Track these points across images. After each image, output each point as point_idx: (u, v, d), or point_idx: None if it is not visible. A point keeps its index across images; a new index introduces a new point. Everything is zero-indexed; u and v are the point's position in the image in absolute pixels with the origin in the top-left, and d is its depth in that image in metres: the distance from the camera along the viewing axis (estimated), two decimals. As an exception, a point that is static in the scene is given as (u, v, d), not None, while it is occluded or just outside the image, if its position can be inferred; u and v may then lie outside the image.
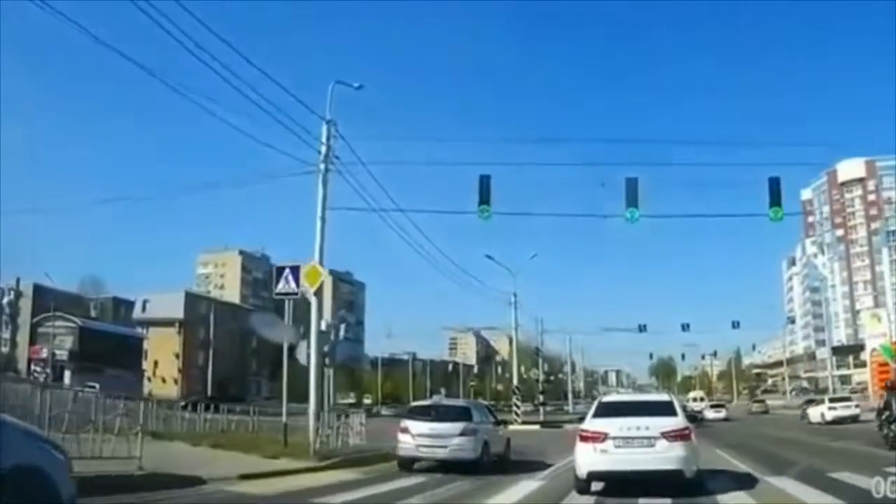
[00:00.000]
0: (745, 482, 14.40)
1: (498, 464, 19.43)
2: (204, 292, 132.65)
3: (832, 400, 47.85)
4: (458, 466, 17.76)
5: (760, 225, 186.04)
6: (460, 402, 26.19)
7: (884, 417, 22.43)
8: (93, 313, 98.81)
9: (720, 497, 12.51)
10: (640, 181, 25.72)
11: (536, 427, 51.62)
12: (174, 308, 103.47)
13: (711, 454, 20.35)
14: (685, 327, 69.11)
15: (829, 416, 43.69)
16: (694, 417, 28.12)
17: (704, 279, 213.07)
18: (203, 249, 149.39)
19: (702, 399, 79.64)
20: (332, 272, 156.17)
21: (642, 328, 68.35)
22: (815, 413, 46.66)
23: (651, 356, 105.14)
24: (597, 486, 13.40)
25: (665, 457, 12.41)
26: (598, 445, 12.76)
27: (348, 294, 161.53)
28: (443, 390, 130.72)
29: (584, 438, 13.09)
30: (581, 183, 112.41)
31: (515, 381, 59.57)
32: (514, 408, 55.82)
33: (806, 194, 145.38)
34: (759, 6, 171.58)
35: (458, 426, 18.37)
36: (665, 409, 13.65)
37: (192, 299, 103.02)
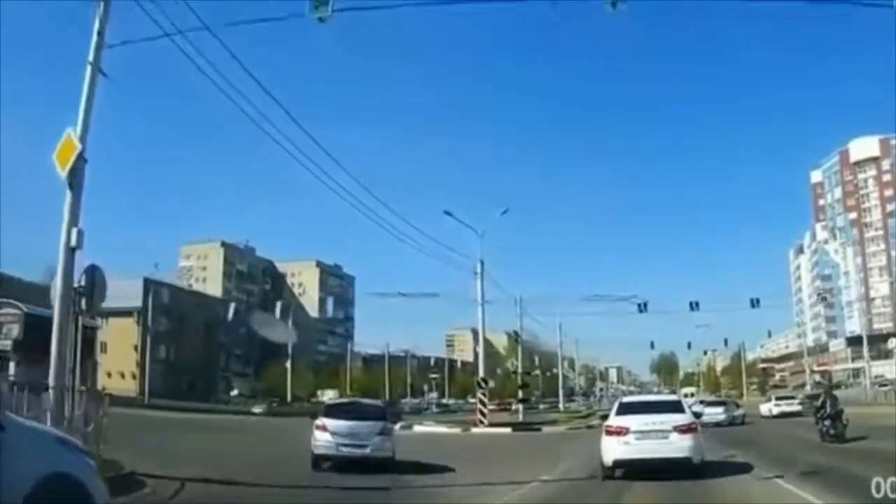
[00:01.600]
0: (742, 468, 16.03)
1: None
2: (186, 286, 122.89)
3: (778, 398, 54.35)
4: (374, 465, 17.19)
5: (763, 214, 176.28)
6: (376, 402, 25.83)
7: (819, 415, 24.59)
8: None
9: (721, 479, 14.12)
10: None
11: (507, 430, 40.35)
12: (132, 296, 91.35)
13: None
14: (694, 306, 56.03)
15: (776, 411, 49.45)
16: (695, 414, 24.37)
17: (704, 280, 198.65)
18: (186, 241, 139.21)
19: (693, 395, 79.75)
20: (319, 264, 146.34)
21: (642, 307, 55.28)
22: (764, 408, 52.30)
23: (652, 345, 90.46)
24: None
25: (677, 446, 14.31)
26: (621, 438, 14.64)
27: (337, 288, 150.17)
28: (425, 387, 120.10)
29: (609, 432, 15.01)
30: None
31: (481, 372, 46.07)
32: (479, 405, 42.60)
33: (816, 176, 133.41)
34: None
35: (377, 425, 18.16)
36: (675, 408, 15.93)
37: (151, 286, 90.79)
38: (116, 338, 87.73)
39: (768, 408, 51.53)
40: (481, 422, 40.73)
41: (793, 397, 54.43)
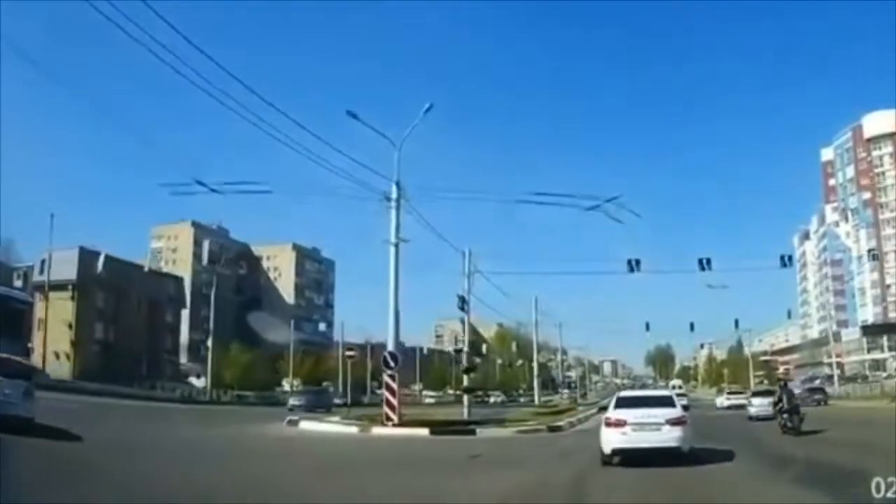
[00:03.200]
0: (725, 456, 16.37)
1: None
2: (157, 268, 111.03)
3: (729, 392, 61.27)
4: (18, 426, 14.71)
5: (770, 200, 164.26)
6: (19, 358, 19.44)
7: (777, 408, 25.33)
8: (17, 282, 79.08)
9: (708, 466, 14.84)
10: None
11: (423, 432, 26.49)
12: (68, 268, 78.95)
13: None
14: (705, 264, 41.90)
15: (727, 403, 53.24)
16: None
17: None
18: (156, 222, 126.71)
19: (680, 387, 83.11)
20: (296, 247, 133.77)
21: (634, 266, 41.62)
22: (719, 401, 57.65)
23: (647, 327, 76.66)
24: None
25: (668, 437, 15.37)
26: (619, 429, 15.58)
27: (315, 273, 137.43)
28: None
29: (609, 424, 15.85)
30: None
31: (390, 345, 29.51)
32: (387, 395, 28.82)
33: (827, 154, 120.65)
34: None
35: (23, 384, 16.58)
36: (667, 402, 16.82)
37: (88, 257, 78.55)
38: (56, 315, 76.46)
39: (721, 400, 57.37)
40: (389, 419, 27.90)
41: (742, 392, 60.15)
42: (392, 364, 28.55)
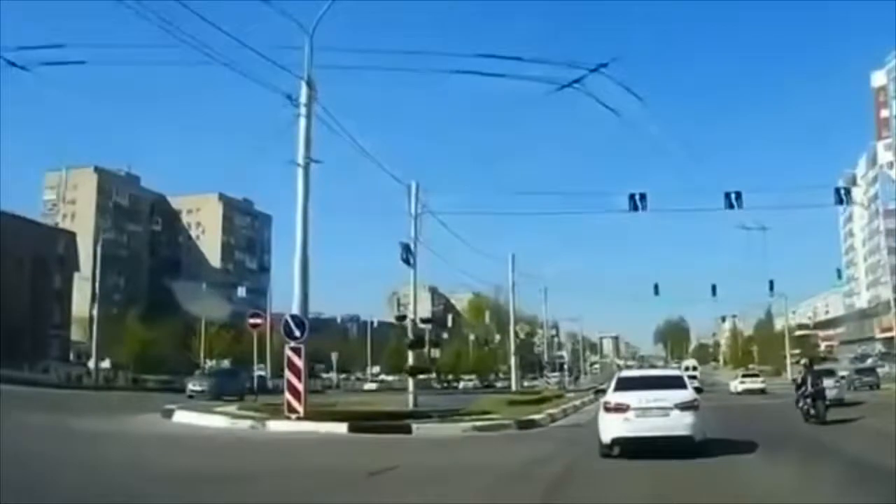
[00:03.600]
0: (745, 448, 16.25)
1: None
2: (51, 224, 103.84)
3: (744, 376, 64.38)
4: None
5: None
6: None
7: (800, 392, 25.75)
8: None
9: (725, 458, 14.77)
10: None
11: (339, 429, 21.79)
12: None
13: None
14: (734, 200, 36.30)
15: (741, 388, 58.52)
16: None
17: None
18: (50, 168, 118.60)
19: (694, 368, 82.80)
20: (223, 198, 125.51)
21: (638, 202, 35.78)
22: (733, 385, 62.51)
23: (656, 290, 68.76)
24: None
25: (678, 424, 15.09)
26: (621, 415, 15.29)
27: (248, 230, 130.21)
28: (333, 355, 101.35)
29: (608, 409, 15.68)
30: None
31: (295, 307, 24.29)
32: (290, 377, 23.83)
33: (878, 79, 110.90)
34: None
35: None
36: (676, 383, 16.89)
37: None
38: None
39: (735, 385, 61.33)
40: (292, 410, 22.83)
41: (757, 375, 65.26)
42: (297, 333, 23.35)
